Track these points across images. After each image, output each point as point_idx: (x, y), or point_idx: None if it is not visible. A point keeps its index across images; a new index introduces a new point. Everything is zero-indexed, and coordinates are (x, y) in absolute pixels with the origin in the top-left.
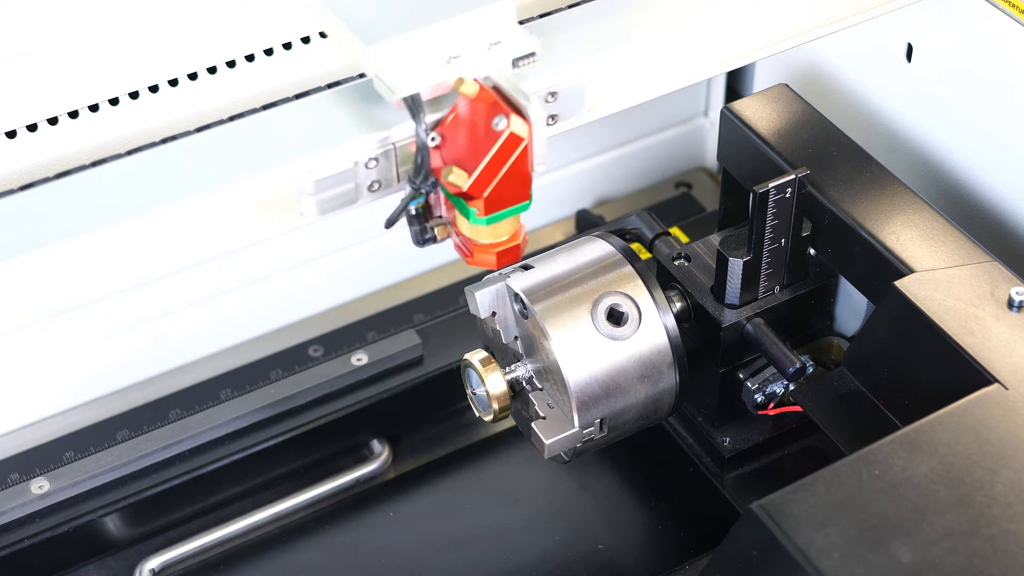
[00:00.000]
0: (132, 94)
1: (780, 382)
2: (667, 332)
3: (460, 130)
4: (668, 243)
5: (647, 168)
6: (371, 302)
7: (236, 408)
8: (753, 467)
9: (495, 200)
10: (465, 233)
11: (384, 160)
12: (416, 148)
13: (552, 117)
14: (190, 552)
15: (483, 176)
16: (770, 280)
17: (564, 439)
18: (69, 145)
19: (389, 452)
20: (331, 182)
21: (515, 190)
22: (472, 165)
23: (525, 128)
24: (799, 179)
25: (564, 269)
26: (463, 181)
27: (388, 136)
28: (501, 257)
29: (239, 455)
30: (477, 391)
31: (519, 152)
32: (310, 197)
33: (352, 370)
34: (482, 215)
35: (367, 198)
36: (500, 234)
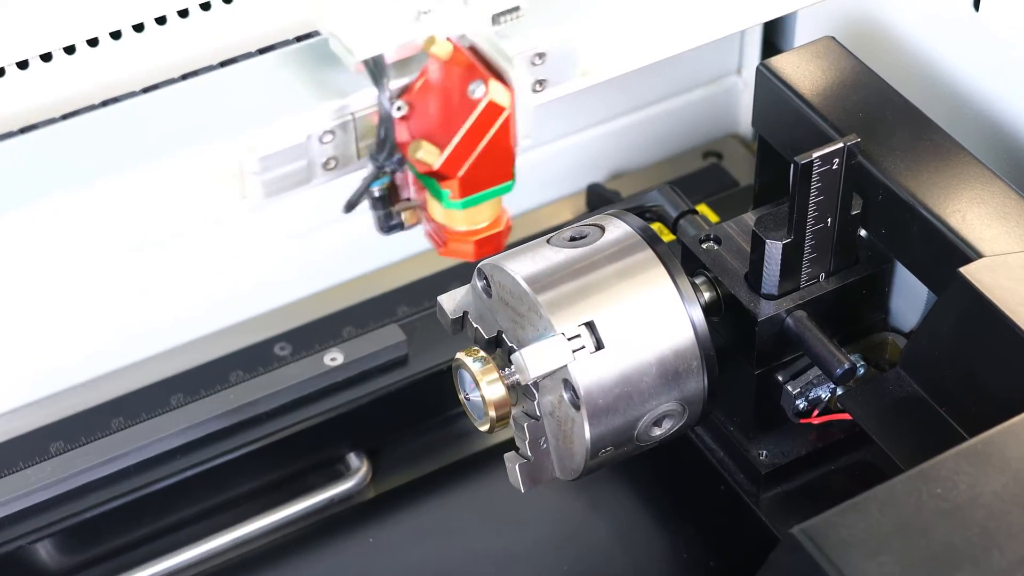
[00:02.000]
0: (67, 49)
1: (826, 386)
2: (694, 328)
3: (431, 98)
4: (695, 223)
5: (670, 135)
6: (347, 292)
7: (189, 416)
8: (794, 485)
9: (472, 180)
10: (437, 219)
11: (341, 133)
12: (379, 119)
13: (539, 83)
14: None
15: (458, 152)
16: (814, 266)
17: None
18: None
19: (368, 467)
20: (279, 159)
21: (495, 169)
22: (445, 139)
23: (507, 96)
24: (848, 148)
25: None
26: (434, 158)
27: (346, 105)
28: (480, 247)
29: (192, 471)
30: (471, 396)
31: (500, 124)
32: (255, 176)
33: (325, 371)
34: (457, 198)
35: (322, 178)
36: (478, 220)
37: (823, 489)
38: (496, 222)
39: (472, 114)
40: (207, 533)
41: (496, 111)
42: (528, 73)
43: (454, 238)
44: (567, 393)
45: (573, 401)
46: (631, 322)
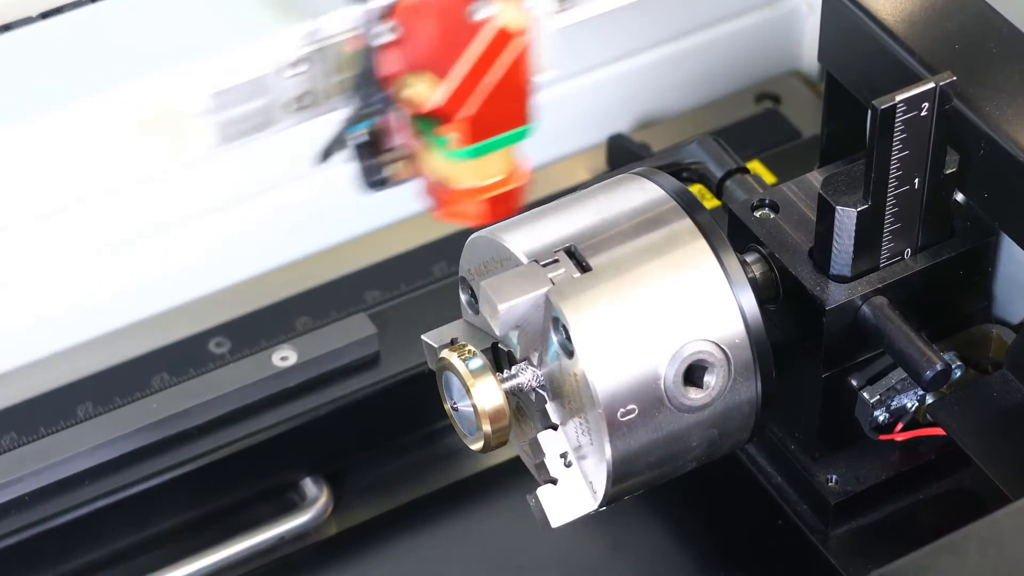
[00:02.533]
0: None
1: (912, 392)
2: (744, 319)
3: (425, 19)
4: (745, 184)
5: (713, 73)
6: (302, 273)
7: (101, 430)
8: (871, 519)
9: (481, 123)
10: (436, 172)
11: (313, 64)
12: (360, 46)
13: (561, 0)
14: None
15: (462, 87)
16: (898, 240)
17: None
18: None
19: (328, 497)
20: (236, 96)
21: (509, 109)
22: (445, 71)
23: (521, 17)
24: (940, 89)
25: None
26: (431, 95)
27: (319, 29)
28: (492, 206)
29: (104, 501)
30: (460, 405)
31: (514, 54)
32: (206, 118)
33: (274, 374)
34: (461, 145)
35: (289, 120)
36: (489, 172)
37: (908, 524)
38: (510, 176)
39: (478, 38)
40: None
41: (509, 35)
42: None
43: (458, 196)
44: (557, 335)
45: (565, 345)
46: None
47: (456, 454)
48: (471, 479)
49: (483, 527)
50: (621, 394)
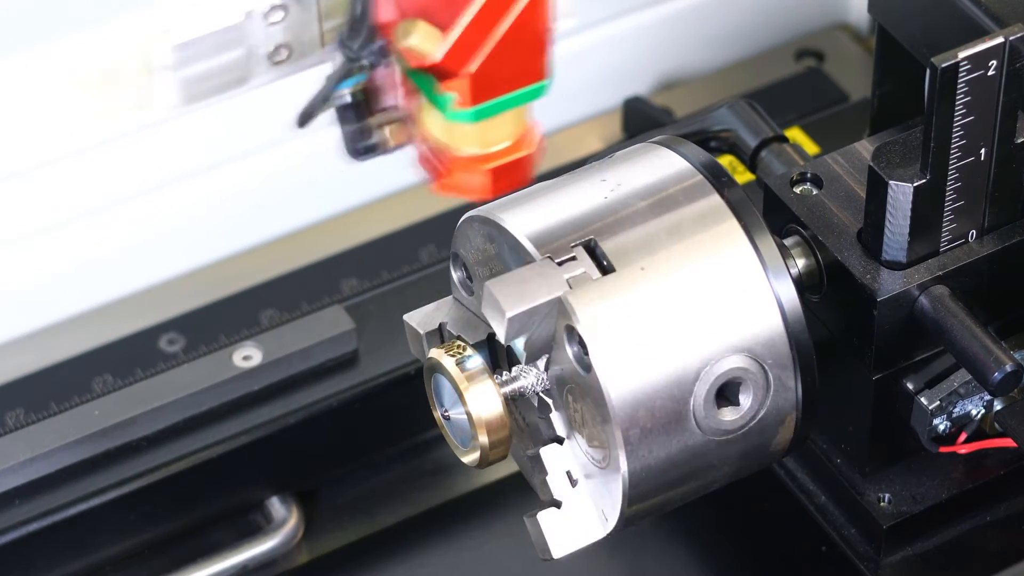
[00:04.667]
0: None
1: (977, 397)
2: (783, 313)
3: None
4: (784, 155)
5: (747, 26)
6: (269, 257)
7: (32, 442)
8: (929, 545)
9: (488, 80)
10: (437, 137)
11: (297, 9)
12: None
13: None
14: None
15: (468, 37)
16: (961, 221)
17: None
18: None
19: (299, 519)
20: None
21: (523, 62)
22: (449, 18)
23: None
24: (1010, 44)
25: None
26: (434, 45)
27: None
28: (499, 178)
29: (39, 523)
30: (452, 413)
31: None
32: (170, 73)
33: (235, 376)
34: (466, 105)
35: (267, 75)
36: (494, 139)
37: (972, 551)
38: (521, 142)
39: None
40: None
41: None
42: None
43: (460, 165)
44: (571, 347)
45: (580, 359)
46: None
47: (447, 469)
48: (464, 498)
49: (478, 554)
50: (643, 415)
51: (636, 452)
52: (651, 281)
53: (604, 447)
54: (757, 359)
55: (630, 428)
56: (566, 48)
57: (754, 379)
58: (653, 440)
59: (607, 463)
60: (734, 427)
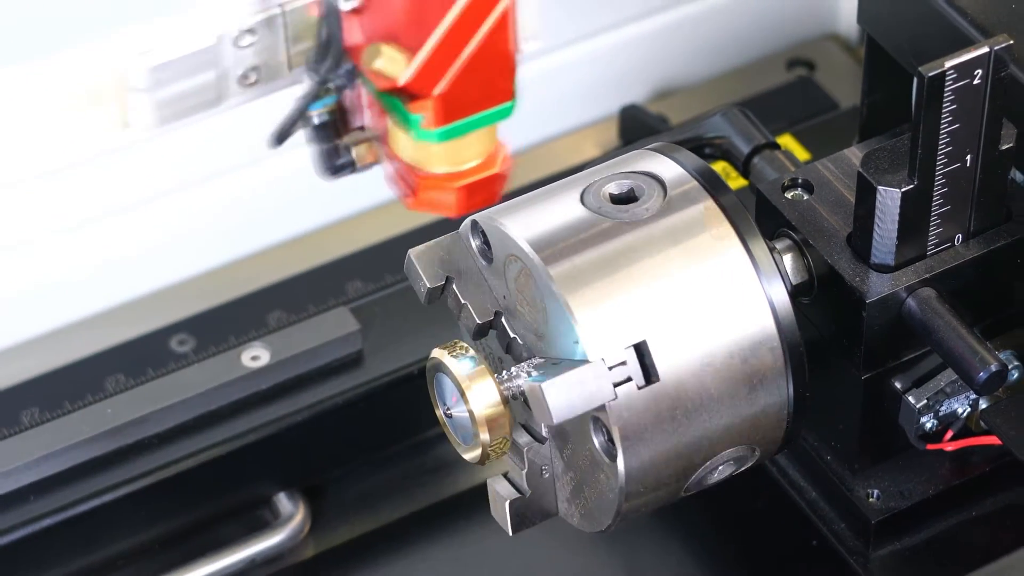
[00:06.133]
0: None
1: (963, 396)
2: (774, 313)
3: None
4: (775, 161)
5: (740, 36)
6: (275, 261)
7: (47, 440)
8: (917, 539)
9: (456, 100)
10: (405, 157)
11: (266, 33)
12: (321, 13)
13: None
14: None
15: (435, 60)
16: (947, 225)
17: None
18: None
19: (305, 514)
20: (177, 71)
21: (489, 84)
22: (416, 41)
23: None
24: (995, 53)
25: None
26: (400, 68)
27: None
28: (466, 196)
29: (53, 519)
30: (454, 411)
31: (495, 20)
32: (143, 95)
33: (244, 376)
34: (434, 126)
35: (238, 97)
36: (464, 157)
37: (958, 545)
38: (490, 160)
39: (455, 5)
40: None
41: (490, 1)
42: None
43: (429, 184)
44: (598, 437)
45: (607, 449)
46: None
47: (449, 466)
48: (466, 494)
49: (479, 548)
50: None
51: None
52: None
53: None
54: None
55: (628, 503)
56: (563, 58)
57: (743, 460)
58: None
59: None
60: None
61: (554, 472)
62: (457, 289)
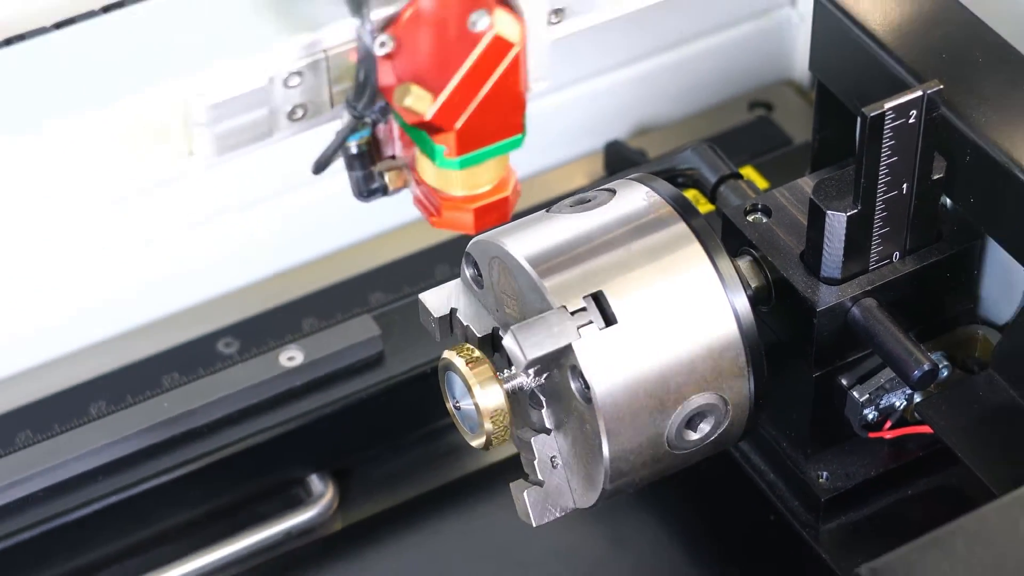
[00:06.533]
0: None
1: (900, 391)
2: (738, 320)
3: (422, 32)
4: (738, 190)
5: (708, 81)
6: (308, 275)
7: (112, 428)
8: (861, 514)
9: (473, 133)
10: (429, 181)
11: (311, 75)
12: (358, 58)
13: (556, 13)
14: None
15: (455, 98)
16: (886, 244)
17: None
18: None
19: (334, 493)
20: (234, 108)
21: (501, 119)
22: (439, 82)
23: (516, 29)
24: (928, 96)
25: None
26: (426, 105)
27: (317, 40)
28: (481, 216)
29: (115, 497)
30: (462, 404)
31: (507, 64)
32: (204, 129)
33: (281, 374)
34: (454, 155)
35: (287, 130)
36: (480, 182)
37: (897, 519)
38: (501, 185)
39: (474, 51)
40: (134, 574)
41: (503, 48)
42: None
43: (450, 205)
44: (575, 383)
45: (583, 392)
46: (658, 308)
47: (458, 451)
48: (473, 476)
49: (485, 522)
50: (626, 445)
51: (616, 467)
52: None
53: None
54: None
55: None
56: (557, 100)
57: (717, 413)
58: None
59: (590, 467)
60: (694, 445)
61: (564, 462)
62: (460, 317)
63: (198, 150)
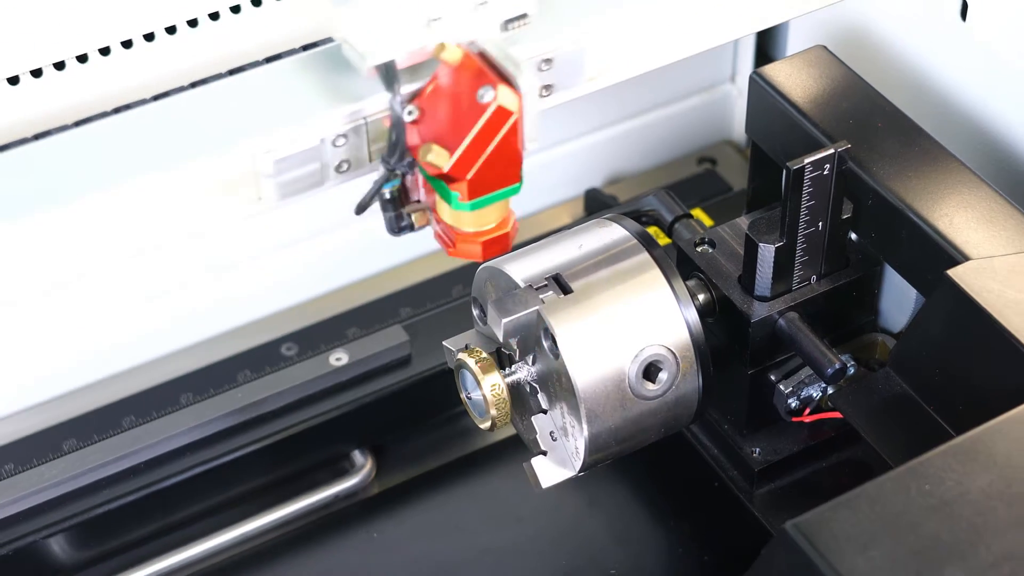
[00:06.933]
0: (80, 58)
1: (817, 385)
2: (689, 329)
3: (441, 103)
4: (690, 227)
5: (666, 141)
6: (352, 294)
7: (198, 414)
8: (786, 481)
9: (480, 183)
10: (446, 220)
11: (354, 137)
12: (390, 123)
13: (546, 88)
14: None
15: (467, 155)
16: (806, 269)
17: (563, 480)
18: (11, 115)
19: (373, 464)
20: (293, 162)
21: (503, 171)
22: (454, 143)
23: (515, 100)
24: (839, 154)
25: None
26: (444, 161)
27: (358, 109)
28: (487, 247)
29: (201, 468)
30: (473, 395)
31: (508, 128)
32: (270, 179)
33: (330, 371)
34: (465, 200)
35: (335, 180)
36: (486, 221)
37: (815, 485)
38: (503, 223)
39: (481, 118)
40: (214, 529)
41: (504, 115)
42: (535, 78)
43: (462, 239)
44: (546, 342)
45: (552, 350)
46: (617, 303)
47: (469, 432)
48: (481, 451)
49: (490, 487)
50: (595, 387)
51: (592, 413)
52: (599, 299)
53: (572, 415)
54: (673, 351)
55: (587, 397)
56: (547, 156)
57: (669, 363)
58: (605, 407)
59: (575, 424)
60: (656, 394)
61: (560, 433)
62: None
63: (265, 196)
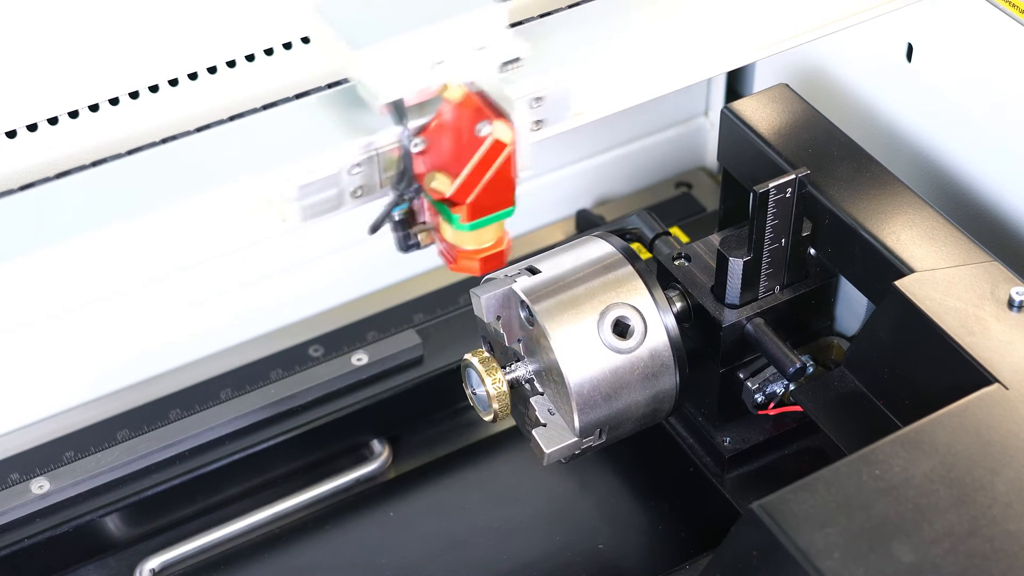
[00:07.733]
0: (132, 94)
1: (780, 382)
2: (668, 332)
3: (444, 136)
4: (668, 243)
5: (647, 168)
6: (371, 302)
7: (236, 408)
8: (753, 467)
9: (479, 206)
10: (449, 239)
11: (368, 166)
12: (400, 154)
13: (537, 122)
14: (190, 552)
15: (467, 182)
16: (770, 280)
17: (564, 448)
18: (69, 145)
19: (389, 452)
20: (315, 188)
21: (499, 196)
22: (456, 171)
23: (509, 134)
24: (799, 179)
25: (566, 270)
26: (447, 187)
27: (372, 142)
28: (485, 263)
29: (239, 455)
30: (477, 391)
31: (503, 158)
32: (293, 203)
33: (352, 370)
34: (465, 221)
35: (351, 204)
36: (484, 240)
37: (778, 471)
38: (499, 242)
39: (480, 149)
40: (250, 509)
41: (500, 147)
42: (528, 114)
43: (462, 256)
44: (523, 313)
45: (529, 319)
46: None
47: (475, 424)
48: (484, 440)
49: (492, 472)
50: (570, 339)
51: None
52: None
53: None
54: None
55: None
56: (542, 181)
57: (635, 319)
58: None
59: (562, 386)
60: (628, 348)
61: (558, 409)
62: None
63: (289, 217)
